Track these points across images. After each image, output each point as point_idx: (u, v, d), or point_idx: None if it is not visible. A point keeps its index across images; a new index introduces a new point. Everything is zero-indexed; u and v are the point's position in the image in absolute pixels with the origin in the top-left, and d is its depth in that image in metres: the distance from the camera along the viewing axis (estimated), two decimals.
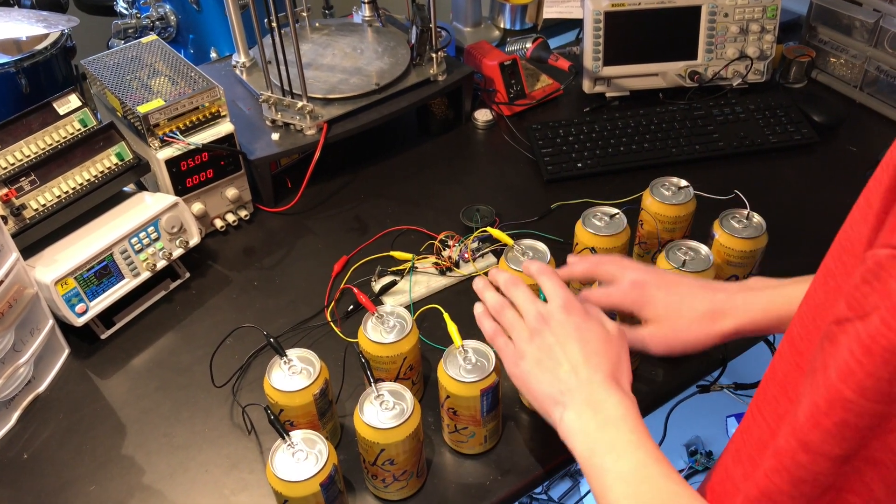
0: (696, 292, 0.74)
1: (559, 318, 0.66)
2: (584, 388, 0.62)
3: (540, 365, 0.65)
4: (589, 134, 1.23)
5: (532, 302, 0.68)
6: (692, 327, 0.72)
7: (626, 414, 0.60)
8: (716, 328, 0.71)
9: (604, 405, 0.61)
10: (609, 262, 0.78)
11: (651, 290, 0.74)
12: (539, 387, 0.65)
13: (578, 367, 0.63)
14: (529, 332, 0.67)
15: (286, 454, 0.68)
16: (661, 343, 0.73)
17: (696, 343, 0.72)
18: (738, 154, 1.21)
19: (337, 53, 1.25)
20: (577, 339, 0.65)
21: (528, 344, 0.67)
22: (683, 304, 0.73)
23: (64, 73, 1.51)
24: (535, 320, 0.67)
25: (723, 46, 1.29)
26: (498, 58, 1.31)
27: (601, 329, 0.66)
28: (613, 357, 0.64)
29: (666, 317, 0.72)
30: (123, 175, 0.98)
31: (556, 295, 0.68)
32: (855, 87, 1.32)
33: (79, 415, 0.88)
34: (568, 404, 0.62)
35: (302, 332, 0.96)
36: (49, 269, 0.89)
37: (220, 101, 1.03)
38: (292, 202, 1.14)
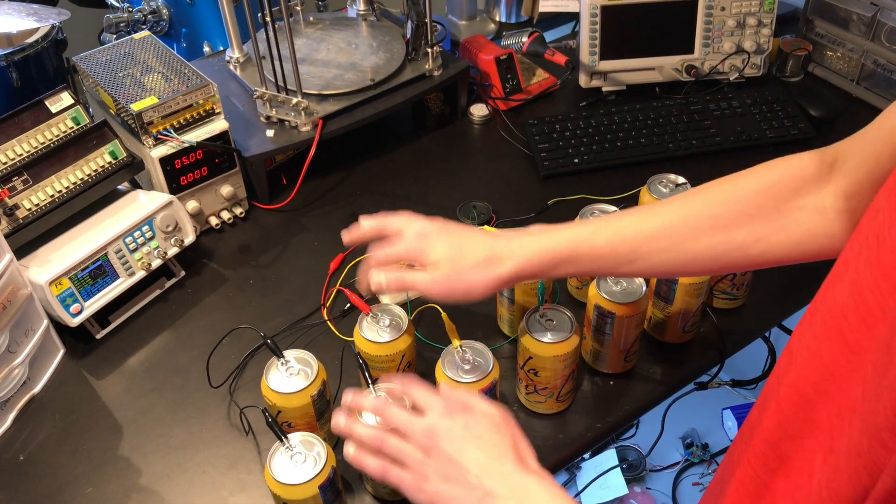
0: (476, 238, 0.72)
1: (446, 425, 0.62)
2: (501, 484, 0.58)
3: (448, 479, 0.60)
4: (585, 129, 1.22)
5: (413, 420, 0.63)
6: (472, 272, 0.70)
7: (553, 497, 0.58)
8: (494, 272, 0.70)
9: (528, 492, 0.58)
10: (396, 217, 0.77)
11: (433, 239, 0.73)
12: (456, 501, 0.60)
13: (486, 466, 0.59)
14: (423, 451, 0.61)
15: (284, 457, 0.68)
16: (442, 287, 0.71)
17: (477, 287, 0.70)
18: (734, 149, 1.21)
19: (332, 48, 1.24)
20: (472, 439, 0.61)
21: (426, 464, 0.61)
22: (464, 249, 0.71)
23: (55, 66, 1.49)
24: (423, 437, 0.62)
25: (720, 40, 1.29)
26: (494, 52, 1.30)
27: (489, 420, 0.62)
28: (511, 443, 0.61)
29: (447, 261, 0.71)
30: (117, 174, 0.97)
31: (434, 402, 0.63)
32: (851, 81, 1.32)
33: (75, 416, 0.87)
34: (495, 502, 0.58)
35: (299, 330, 0.95)
36: (43, 269, 0.88)
37: (215, 98, 1.02)
38: (287, 199, 1.13)
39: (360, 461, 0.64)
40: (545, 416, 0.85)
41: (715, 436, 1.90)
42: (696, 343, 0.92)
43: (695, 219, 0.67)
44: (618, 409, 0.86)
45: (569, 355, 0.78)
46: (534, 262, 0.70)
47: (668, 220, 0.68)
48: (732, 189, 0.68)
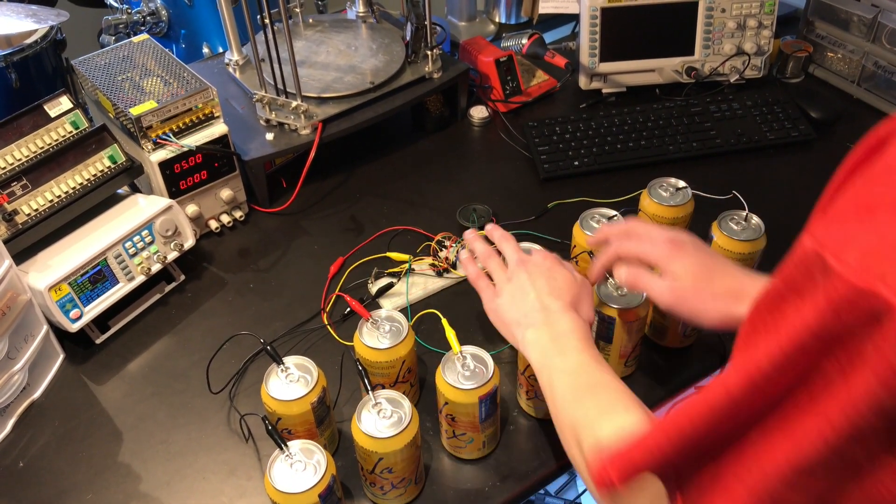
0: (730, 268, 0.73)
1: (536, 261, 0.77)
2: (544, 311, 0.72)
3: (512, 298, 0.75)
4: (585, 131, 1.22)
5: (516, 251, 0.79)
6: (714, 299, 0.70)
7: (576, 328, 0.70)
8: (738, 309, 0.69)
9: (558, 323, 0.71)
10: (645, 224, 0.81)
11: (688, 249, 0.74)
12: (508, 315, 0.75)
13: (542, 296, 0.73)
14: (508, 275, 0.77)
15: (284, 465, 0.68)
16: (676, 300, 0.72)
17: (712, 316, 0.70)
18: (735, 151, 1.21)
19: (331, 51, 1.24)
20: (546, 276, 0.75)
21: (506, 283, 0.77)
22: (714, 273, 0.72)
23: (54, 66, 1.49)
24: (515, 264, 0.77)
25: (720, 42, 1.28)
26: (493, 54, 1.30)
27: (569, 274, 0.76)
28: (575, 293, 0.74)
29: (693, 277, 0.71)
30: (116, 178, 0.97)
31: (538, 250, 0.79)
32: (852, 83, 1.32)
33: (74, 422, 0.87)
34: (529, 325, 0.72)
35: (298, 335, 0.95)
36: (42, 274, 0.88)
37: (214, 101, 1.01)
38: (287, 203, 1.13)
39: (466, 264, 0.82)
40: (547, 421, 0.85)
41: None
42: (696, 347, 0.92)
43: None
44: None
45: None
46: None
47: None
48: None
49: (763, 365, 0.40)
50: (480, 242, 0.83)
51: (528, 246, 0.89)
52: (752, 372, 0.40)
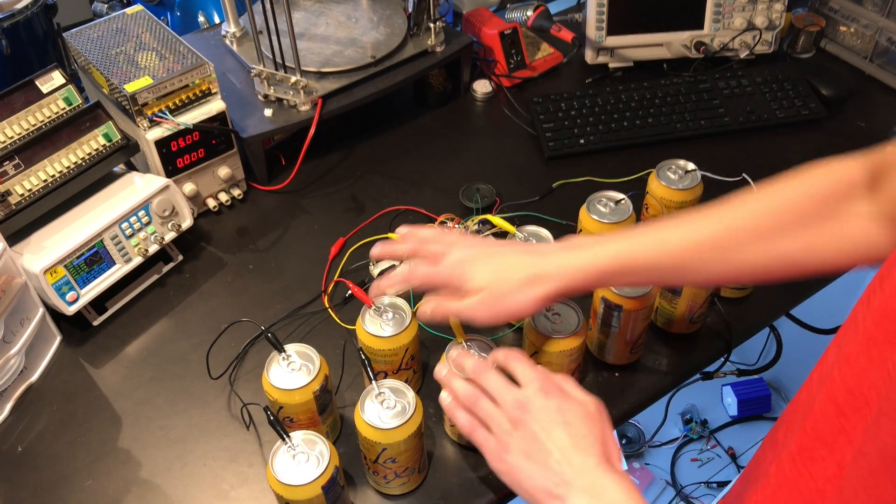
0: (515, 259, 0.70)
1: (539, 403, 0.63)
2: (580, 476, 0.59)
3: (528, 457, 0.61)
4: (591, 108, 1.19)
5: (508, 390, 0.64)
6: (515, 294, 0.68)
7: (629, 497, 0.57)
8: (537, 292, 0.67)
9: (605, 492, 0.58)
10: (433, 240, 0.74)
11: (473, 264, 0.70)
12: (531, 481, 0.61)
13: (569, 454, 0.60)
14: (511, 422, 0.63)
15: (287, 456, 0.67)
16: (486, 311, 0.68)
17: (522, 307, 0.68)
18: (743, 130, 1.18)
19: (331, 23, 1.20)
20: (562, 423, 0.61)
21: (511, 436, 0.62)
22: (503, 273, 0.69)
23: (45, 30, 1.45)
24: (514, 409, 0.63)
25: (730, 16, 1.25)
26: (498, 26, 1.27)
27: (582, 408, 0.63)
28: (600, 436, 0.61)
29: (488, 286, 0.69)
30: (112, 156, 0.94)
31: (532, 378, 0.64)
32: (865, 58, 1.29)
33: (73, 406, 0.86)
34: (566, 497, 0.59)
35: (299, 318, 0.94)
36: (37, 256, 0.86)
37: (211, 77, 0.98)
38: (287, 180, 1.10)
39: (452, 412, 0.68)
40: None
41: (714, 412, 1.91)
42: (702, 334, 0.91)
43: (741, 230, 0.65)
44: (623, 402, 0.85)
45: (575, 350, 0.77)
46: (577, 279, 0.67)
47: (714, 231, 0.66)
48: (777, 197, 0.65)
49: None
50: (459, 381, 0.68)
51: (533, 230, 0.84)
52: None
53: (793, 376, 1.89)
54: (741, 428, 1.89)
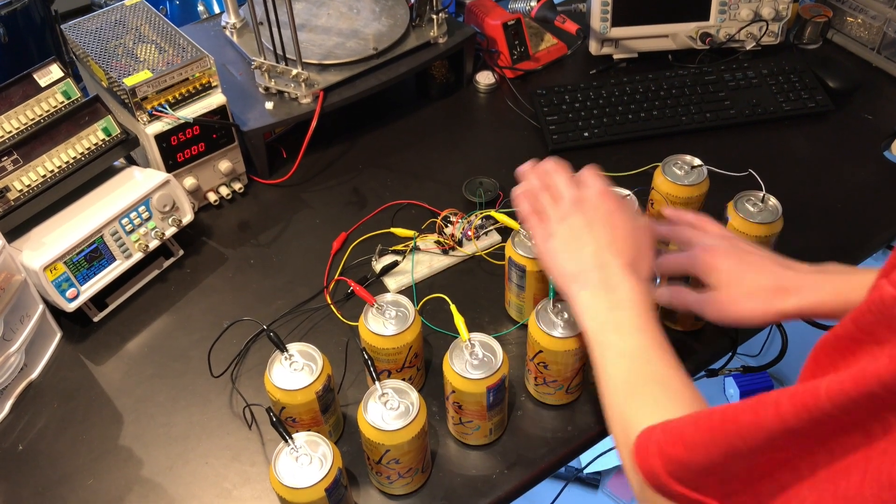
0: (764, 265, 0.71)
1: (593, 202, 0.70)
2: (602, 270, 0.66)
3: (566, 245, 0.69)
4: (596, 100, 1.18)
5: (571, 186, 0.73)
6: (751, 300, 0.69)
7: (636, 299, 0.64)
8: (776, 305, 0.69)
9: (617, 288, 0.65)
10: (687, 226, 0.78)
11: (719, 258, 0.72)
12: (563, 264, 0.69)
13: (602, 251, 0.67)
14: (562, 214, 0.71)
15: (290, 458, 0.66)
16: (717, 310, 0.71)
17: (753, 317, 0.70)
18: (749, 123, 1.17)
19: (332, 13, 1.19)
20: (606, 223, 0.68)
21: (560, 224, 0.71)
22: (747, 276, 0.71)
23: (42, 17, 1.44)
24: (570, 203, 0.71)
25: (736, 7, 1.23)
26: (501, 17, 1.25)
27: (631, 220, 0.70)
28: (636, 245, 0.68)
29: (728, 285, 0.71)
30: (111, 151, 0.93)
31: (594, 183, 0.72)
32: (872, 50, 1.27)
33: (73, 403, 0.86)
34: (585, 284, 0.67)
35: (301, 314, 0.93)
36: (37, 253, 0.85)
37: (211, 70, 0.97)
38: (288, 174, 1.09)
39: (518, 199, 0.76)
40: (554, 407, 0.83)
41: (716, 402, 1.90)
42: (707, 331, 0.90)
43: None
44: None
45: (580, 349, 0.76)
46: (826, 304, 0.68)
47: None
48: None
49: (822, 401, 0.38)
50: (534, 176, 0.77)
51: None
52: (809, 405, 0.38)
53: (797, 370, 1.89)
54: None
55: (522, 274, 0.85)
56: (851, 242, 1.00)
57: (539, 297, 0.86)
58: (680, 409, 0.57)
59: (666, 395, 0.60)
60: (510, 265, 0.86)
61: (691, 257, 0.74)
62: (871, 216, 1.03)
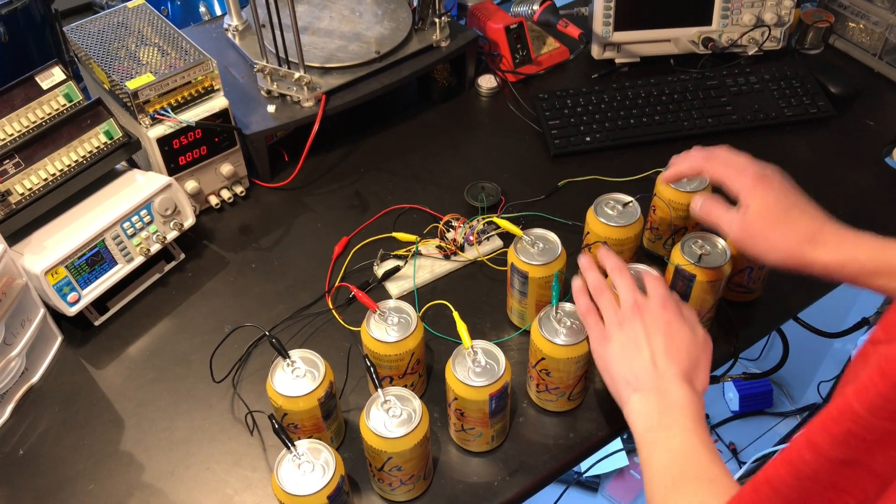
0: (810, 210, 0.71)
1: (654, 311, 0.70)
2: (657, 377, 0.66)
3: (623, 350, 0.69)
4: (598, 105, 1.18)
5: (632, 291, 0.72)
6: (785, 237, 0.69)
7: (688, 405, 0.64)
8: (808, 252, 0.68)
9: (669, 394, 0.65)
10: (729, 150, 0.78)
11: (772, 184, 0.72)
12: (617, 369, 0.69)
13: (657, 357, 0.67)
14: (621, 319, 0.70)
15: (292, 465, 0.66)
16: (746, 234, 0.71)
17: (779, 254, 0.69)
18: (751, 128, 1.17)
19: (334, 16, 1.19)
20: (665, 333, 0.68)
21: (618, 329, 0.70)
22: (792, 211, 0.70)
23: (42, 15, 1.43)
24: (630, 308, 0.71)
25: (739, 12, 1.23)
26: (503, 21, 1.25)
27: (689, 331, 0.69)
28: (693, 358, 0.68)
29: (767, 214, 0.70)
30: (113, 154, 0.93)
31: (657, 293, 0.72)
32: (874, 56, 1.27)
33: (74, 407, 0.85)
34: (638, 388, 0.67)
35: (302, 319, 0.93)
36: (38, 257, 0.85)
37: (214, 73, 0.97)
38: (290, 178, 1.09)
39: (577, 294, 0.75)
40: (555, 413, 0.83)
41: (716, 407, 1.91)
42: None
43: None
44: None
45: (582, 357, 0.76)
46: (856, 263, 0.67)
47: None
48: None
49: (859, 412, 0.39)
50: (594, 272, 0.75)
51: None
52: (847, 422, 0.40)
53: (797, 374, 1.89)
54: (742, 423, 1.88)
55: (525, 280, 0.85)
56: None
57: (541, 303, 0.86)
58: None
59: (710, 491, 0.59)
60: (512, 271, 0.86)
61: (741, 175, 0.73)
62: (872, 223, 1.01)
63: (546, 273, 0.83)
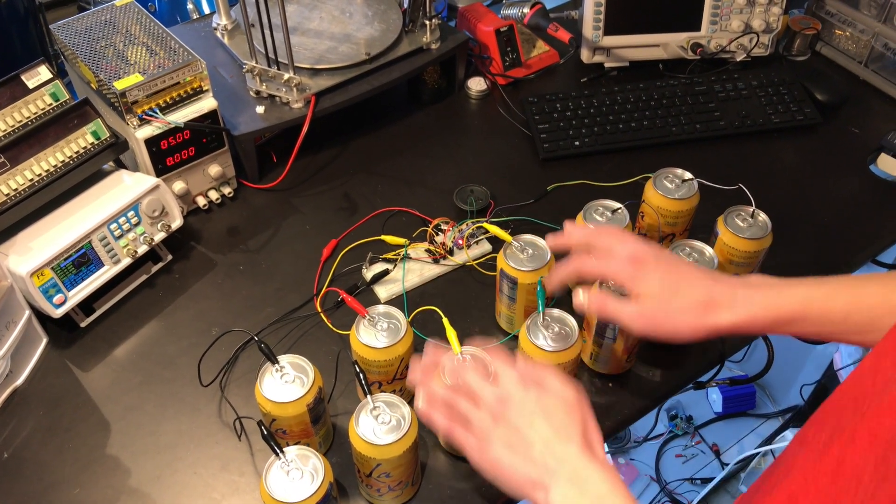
0: (695, 278, 0.70)
1: (518, 396, 0.63)
2: (562, 465, 0.59)
3: (511, 449, 0.61)
4: (587, 109, 1.18)
5: (486, 386, 0.64)
6: (683, 314, 0.68)
7: (613, 489, 0.57)
8: (710, 320, 0.67)
9: (588, 482, 0.58)
10: (607, 234, 0.75)
11: (649, 268, 0.70)
12: (514, 472, 0.61)
13: (551, 444, 0.60)
14: (492, 417, 0.62)
15: (280, 472, 0.66)
16: (647, 322, 0.69)
17: (686, 331, 0.68)
18: (739, 134, 1.18)
19: (324, 17, 1.18)
20: (542, 414, 0.61)
21: (492, 430, 0.62)
22: (679, 288, 0.69)
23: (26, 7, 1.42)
24: (494, 404, 0.63)
25: (728, 18, 1.24)
26: (494, 23, 1.25)
27: (561, 398, 0.63)
28: (580, 424, 0.61)
29: (659, 297, 0.69)
30: (100, 154, 0.92)
31: (510, 374, 0.64)
32: (860, 63, 1.28)
33: (60, 410, 0.85)
34: (550, 486, 0.58)
35: (290, 322, 0.92)
36: (24, 258, 0.84)
37: (203, 74, 0.96)
38: (278, 179, 1.09)
39: (428, 416, 0.65)
40: None
41: (699, 408, 1.92)
42: (696, 344, 0.90)
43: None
44: (616, 413, 0.85)
45: (571, 362, 0.77)
46: (758, 318, 0.66)
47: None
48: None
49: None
50: (436, 383, 0.67)
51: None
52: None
53: (780, 377, 1.92)
54: (726, 424, 1.91)
55: (514, 286, 0.85)
56: (837, 257, 1.01)
57: (530, 308, 0.86)
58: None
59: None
60: (501, 277, 0.86)
61: (618, 265, 0.71)
62: (856, 230, 1.05)
63: (535, 279, 0.83)
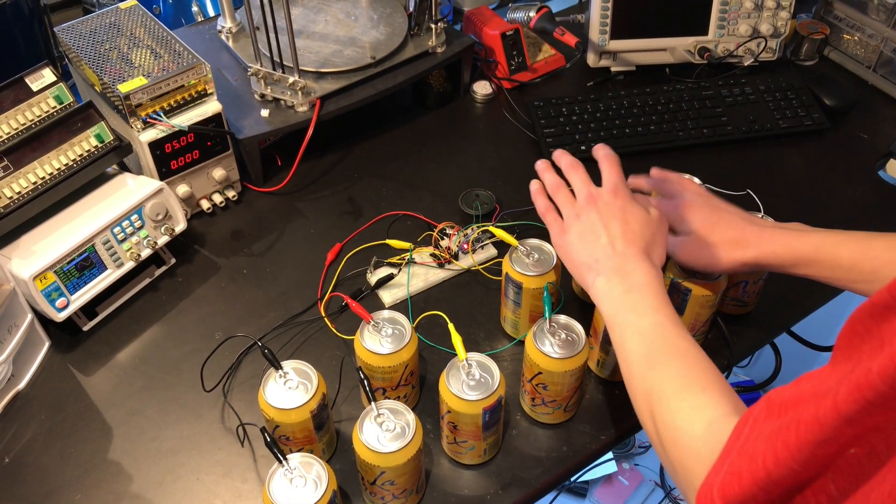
0: (732, 219, 0.79)
1: (607, 199, 0.73)
2: (616, 258, 0.70)
3: (582, 238, 0.73)
4: (593, 113, 1.17)
5: (585, 184, 0.76)
6: (717, 248, 0.77)
7: (651, 282, 0.68)
8: (737, 254, 0.77)
9: (632, 274, 0.69)
10: (674, 181, 0.86)
11: (693, 210, 0.80)
12: (578, 256, 0.73)
13: (615, 241, 0.71)
14: (577, 211, 0.75)
15: (284, 480, 0.65)
16: (687, 254, 0.79)
17: (717, 263, 0.78)
18: (746, 139, 1.17)
19: (330, 20, 1.18)
20: (620, 218, 0.72)
21: (575, 220, 0.75)
22: (716, 227, 0.78)
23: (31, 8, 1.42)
24: (585, 200, 0.75)
25: (735, 22, 1.23)
26: (499, 27, 1.24)
27: (643, 212, 0.73)
28: (649, 236, 0.72)
29: (698, 234, 0.78)
30: (104, 157, 0.92)
31: (609, 180, 0.75)
32: (868, 68, 1.27)
33: (62, 415, 0.84)
34: (600, 271, 0.70)
35: (294, 327, 0.92)
36: (27, 262, 0.84)
37: (207, 77, 0.96)
38: (283, 182, 1.08)
39: (535, 196, 0.80)
40: (549, 426, 0.83)
41: None
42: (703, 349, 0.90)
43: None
44: (623, 420, 0.84)
45: (579, 369, 0.76)
46: (778, 255, 0.75)
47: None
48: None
49: (875, 381, 0.38)
50: (550, 173, 0.80)
51: (536, 243, 0.84)
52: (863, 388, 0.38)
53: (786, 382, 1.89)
54: None
55: (519, 291, 0.84)
56: None
57: (535, 313, 0.85)
58: (698, 375, 0.61)
59: (685, 364, 0.63)
60: (507, 281, 0.85)
61: (670, 206, 0.81)
62: None
63: (541, 284, 0.82)
